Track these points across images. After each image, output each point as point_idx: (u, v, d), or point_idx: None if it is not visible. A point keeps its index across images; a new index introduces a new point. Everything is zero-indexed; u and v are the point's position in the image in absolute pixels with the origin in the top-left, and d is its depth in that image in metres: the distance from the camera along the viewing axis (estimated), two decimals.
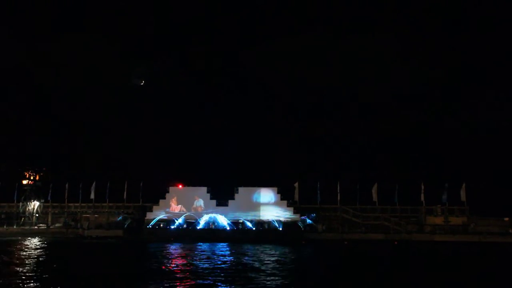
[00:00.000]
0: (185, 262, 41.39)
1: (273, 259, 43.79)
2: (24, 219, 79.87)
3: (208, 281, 30.02)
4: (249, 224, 71.68)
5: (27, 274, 31.87)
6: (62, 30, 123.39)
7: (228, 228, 70.34)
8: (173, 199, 76.00)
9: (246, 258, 44.37)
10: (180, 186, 78.52)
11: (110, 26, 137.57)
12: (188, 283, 29.64)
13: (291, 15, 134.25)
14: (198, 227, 70.73)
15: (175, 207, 75.30)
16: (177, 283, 29.54)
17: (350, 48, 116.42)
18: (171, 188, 76.93)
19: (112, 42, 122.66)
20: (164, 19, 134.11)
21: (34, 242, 61.32)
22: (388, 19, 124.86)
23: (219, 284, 29.29)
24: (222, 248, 55.28)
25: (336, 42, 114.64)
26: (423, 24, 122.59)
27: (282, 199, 75.20)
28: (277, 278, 32.05)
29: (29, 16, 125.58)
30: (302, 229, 70.43)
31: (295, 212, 73.75)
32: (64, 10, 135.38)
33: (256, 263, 40.10)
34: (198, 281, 30.32)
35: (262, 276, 32.37)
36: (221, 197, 75.61)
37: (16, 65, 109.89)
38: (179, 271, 34.93)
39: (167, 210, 75.05)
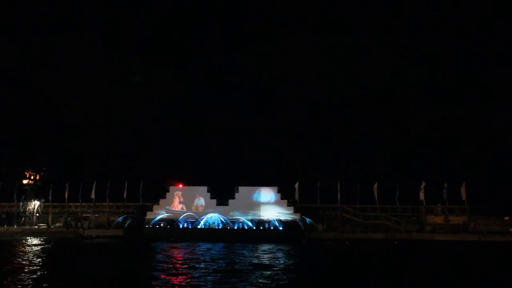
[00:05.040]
0: (184, 262, 41.32)
1: (273, 258, 43.77)
2: (24, 219, 79.91)
3: (208, 281, 29.96)
4: (250, 224, 71.72)
5: (27, 274, 31.82)
6: (60, 30, 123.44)
7: (228, 228, 70.35)
8: (175, 197, 76.02)
9: (246, 257, 44.32)
10: (181, 186, 78.53)
11: (110, 25, 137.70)
12: (186, 284, 29.54)
13: (290, 14, 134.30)
14: (198, 227, 70.75)
15: (177, 205, 75.39)
16: (176, 283, 29.49)
17: (351, 47, 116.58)
18: (171, 188, 76.98)
19: (112, 41, 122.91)
20: (164, 18, 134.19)
21: (35, 242, 61.31)
22: (386, 17, 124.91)
23: (218, 284, 29.25)
24: (222, 247, 55.25)
25: (336, 41, 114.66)
26: (425, 23, 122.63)
27: (282, 198, 75.17)
28: (277, 277, 32.03)
29: (27, 16, 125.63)
30: (303, 228, 70.45)
31: (295, 212, 73.76)
32: (62, 10, 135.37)
33: (256, 263, 40.05)
34: (197, 281, 30.22)
35: (262, 276, 32.33)
36: (222, 196, 75.62)
37: (15, 65, 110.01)
38: (178, 271, 34.88)
39: (168, 208, 75.15)
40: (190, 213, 74.06)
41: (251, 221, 72.28)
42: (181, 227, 71.15)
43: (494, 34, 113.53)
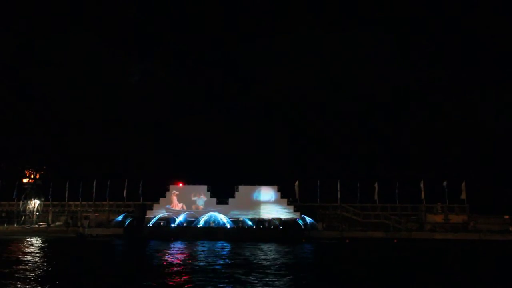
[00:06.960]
0: (184, 261, 41.32)
1: (273, 257, 43.77)
2: (24, 218, 79.90)
3: (206, 280, 29.94)
4: (249, 222, 71.73)
5: (27, 273, 31.80)
6: (61, 29, 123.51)
7: (228, 226, 70.39)
8: (174, 195, 76.01)
9: (246, 256, 44.32)
10: (181, 185, 78.51)
11: (109, 25, 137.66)
12: (186, 283, 29.52)
13: (290, 14, 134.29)
14: (198, 225, 70.76)
15: (176, 204, 75.40)
16: (175, 283, 29.47)
17: (350, 47, 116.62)
18: (171, 187, 77.00)
19: (111, 41, 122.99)
20: (164, 18, 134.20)
21: (35, 240, 61.32)
22: (386, 16, 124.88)
23: (217, 282, 29.23)
24: (222, 246, 55.26)
25: (336, 40, 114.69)
26: (426, 23, 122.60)
27: (282, 197, 75.19)
28: (277, 277, 32.04)
29: (27, 16, 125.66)
30: (302, 227, 70.45)
31: (295, 210, 73.78)
32: (61, 10, 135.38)
33: (256, 261, 40.04)
34: (195, 280, 30.16)
35: (262, 275, 32.32)
36: (222, 195, 75.68)
37: (15, 64, 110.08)
38: (177, 270, 34.88)
39: (168, 207, 75.21)
40: (190, 212, 74.08)
41: (251, 220, 72.32)
42: (181, 226, 71.14)
43: (495, 34, 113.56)
